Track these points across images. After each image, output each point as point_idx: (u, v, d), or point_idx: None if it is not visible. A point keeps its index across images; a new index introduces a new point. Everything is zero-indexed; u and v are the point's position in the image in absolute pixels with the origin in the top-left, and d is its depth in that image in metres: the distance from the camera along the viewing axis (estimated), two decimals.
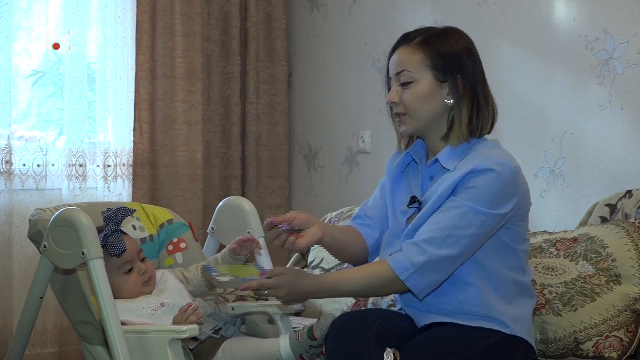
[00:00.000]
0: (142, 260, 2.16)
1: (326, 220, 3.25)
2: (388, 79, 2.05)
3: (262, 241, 2.40)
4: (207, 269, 2.08)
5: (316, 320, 1.97)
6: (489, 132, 2.01)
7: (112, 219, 2.10)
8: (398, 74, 1.97)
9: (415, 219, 1.96)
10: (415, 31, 2.01)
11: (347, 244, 2.07)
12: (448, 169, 1.94)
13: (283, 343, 2.00)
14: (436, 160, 1.98)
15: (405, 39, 1.99)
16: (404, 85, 1.96)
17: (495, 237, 1.92)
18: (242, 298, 2.84)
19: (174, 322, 2.02)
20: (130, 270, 2.12)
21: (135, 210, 2.24)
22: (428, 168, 2.01)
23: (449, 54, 1.95)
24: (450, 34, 1.99)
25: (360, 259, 2.13)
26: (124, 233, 2.13)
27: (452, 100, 1.95)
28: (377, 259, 2.13)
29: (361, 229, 2.13)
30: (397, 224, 2.04)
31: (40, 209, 2.22)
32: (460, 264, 1.90)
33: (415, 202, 2.00)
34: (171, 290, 2.13)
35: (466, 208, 1.87)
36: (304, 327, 1.97)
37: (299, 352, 1.97)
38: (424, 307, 1.95)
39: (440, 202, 1.92)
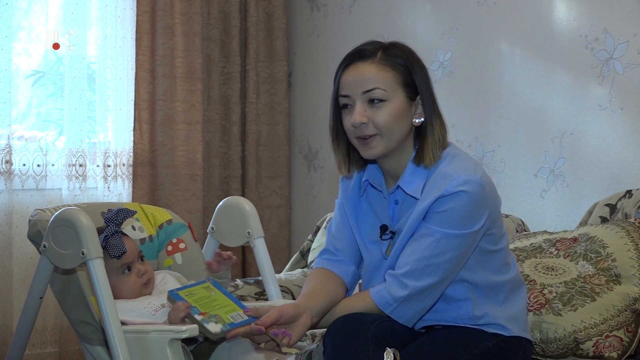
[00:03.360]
0: (142, 262, 2.16)
1: (326, 221, 3.25)
2: (337, 98, 1.91)
3: (261, 241, 2.40)
4: (173, 296, 1.93)
5: (314, 343, 1.97)
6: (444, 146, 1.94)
7: (112, 220, 2.10)
8: (368, 91, 1.85)
9: (393, 251, 1.91)
10: (370, 44, 1.91)
11: (333, 303, 1.95)
12: (414, 197, 1.88)
13: None
14: (398, 187, 1.92)
15: (363, 55, 1.88)
16: (373, 103, 1.85)
17: (477, 249, 1.90)
18: (241, 298, 2.84)
19: (169, 318, 2.02)
20: (129, 271, 2.12)
21: (136, 212, 2.23)
22: (391, 194, 1.95)
23: (416, 70, 1.88)
24: (405, 48, 1.91)
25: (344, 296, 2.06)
26: (124, 234, 2.13)
27: (421, 119, 1.89)
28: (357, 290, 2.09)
29: (335, 267, 2.03)
30: (371, 257, 1.99)
31: (40, 210, 2.21)
32: (445, 287, 1.88)
33: (386, 231, 1.95)
34: None
35: (439, 235, 1.83)
36: (305, 351, 1.96)
37: None
38: (419, 321, 1.94)
39: (412, 230, 1.87)
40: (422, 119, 1.89)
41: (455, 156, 1.90)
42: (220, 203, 2.48)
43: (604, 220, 2.52)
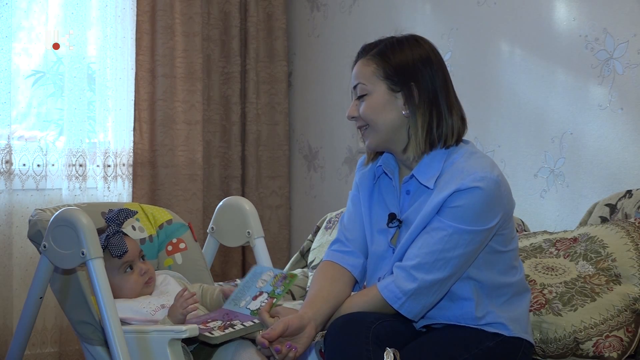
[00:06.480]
0: (143, 261, 2.17)
1: (326, 221, 3.24)
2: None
3: (261, 241, 2.40)
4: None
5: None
6: (457, 142, 1.95)
7: (114, 220, 2.11)
8: (355, 87, 1.95)
9: (403, 241, 1.92)
10: (374, 42, 1.97)
11: (338, 305, 1.95)
12: (427, 186, 1.90)
13: None
14: (412, 176, 1.93)
15: (363, 51, 1.97)
16: (360, 98, 1.94)
17: (486, 248, 1.90)
18: None
19: (171, 311, 2.02)
20: (131, 270, 2.12)
21: (137, 212, 2.24)
22: (404, 183, 1.96)
23: (403, 63, 1.91)
24: (407, 42, 1.94)
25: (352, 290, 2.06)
26: (125, 234, 2.13)
27: (408, 111, 1.91)
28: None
29: (344, 260, 2.03)
30: (377, 246, 1.99)
31: (40, 210, 2.22)
32: (453, 283, 1.88)
33: (394, 219, 1.95)
34: (172, 293, 2.13)
35: (451, 229, 1.84)
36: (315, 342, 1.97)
37: None
38: (421, 319, 1.94)
39: (425, 223, 1.88)
40: (408, 111, 1.92)
41: (473, 154, 1.93)
42: (220, 203, 2.48)
43: (604, 220, 2.52)
